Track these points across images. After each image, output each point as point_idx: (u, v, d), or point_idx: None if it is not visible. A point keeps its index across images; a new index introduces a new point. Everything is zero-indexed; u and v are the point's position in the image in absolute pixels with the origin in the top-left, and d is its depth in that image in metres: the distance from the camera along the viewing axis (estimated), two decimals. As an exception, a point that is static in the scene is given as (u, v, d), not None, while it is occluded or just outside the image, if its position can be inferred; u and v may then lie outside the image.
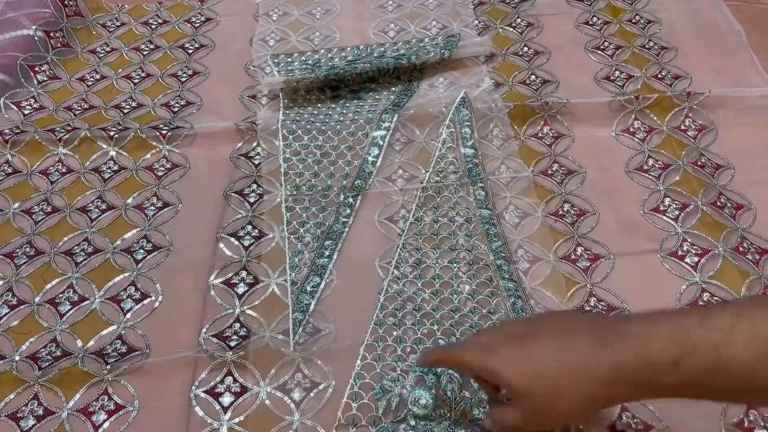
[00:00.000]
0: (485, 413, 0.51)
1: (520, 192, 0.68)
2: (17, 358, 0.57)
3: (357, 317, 0.59)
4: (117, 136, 0.74)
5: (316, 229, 0.66)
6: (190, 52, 0.87)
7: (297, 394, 0.54)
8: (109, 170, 0.72)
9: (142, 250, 0.65)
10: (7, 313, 0.60)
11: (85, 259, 0.64)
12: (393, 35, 0.88)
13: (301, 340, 0.57)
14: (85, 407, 0.54)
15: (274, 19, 0.91)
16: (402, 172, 0.70)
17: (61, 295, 0.62)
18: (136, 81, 0.83)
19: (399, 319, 0.58)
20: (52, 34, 0.86)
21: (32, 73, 0.82)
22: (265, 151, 0.73)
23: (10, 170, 0.73)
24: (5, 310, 0.61)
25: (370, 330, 0.58)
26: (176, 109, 0.79)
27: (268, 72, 0.83)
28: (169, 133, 0.74)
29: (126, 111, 0.79)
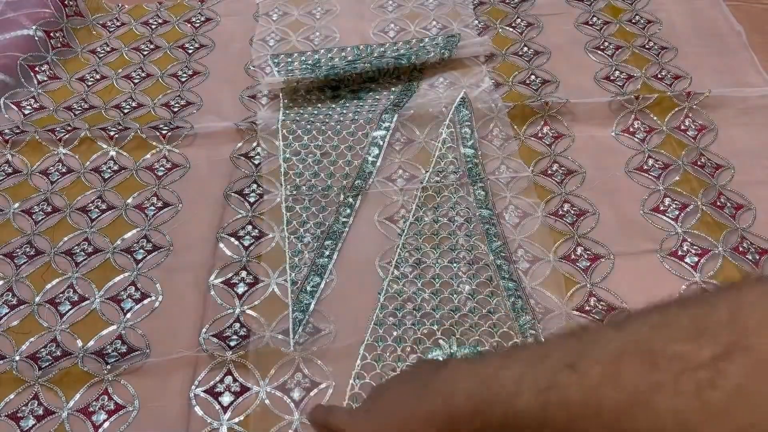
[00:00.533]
0: None
1: (520, 192, 0.68)
2: (17, 358, 0.57)
3: (357, 317, 0.59)
4: (117, 136, 0.74)
5: (316, 229, 0.66)
6: (190, 52, 0.87)
7: (297, 394, 0.54)
8: (109, 170, 0.72)
9: (142, 250, 0.65)
10: (7, 313, 0.60)
11: (85, 259, 0.64)
12: (393, 35, 0.88)
13: (301, 340, 0.57)
14: (85, 407, 0.54)
15: (274, 19, 0.91)
16: (402, 172, 0.70)
17: (61, 295, 0.62)
18: (136, 81, 0.83)
19: (399, 319, 0.58)
20: (52, 34, 0.86)
21: (32, 73, 0.82)
22: (265, 151, 0.73)
23: (10, 170, 0.73)
24: (5, 310, 0.61)
25: (370, 330, 0.58)
26: (176, 109, 0.79)
27: (268, 72, 0.83)
28: (169, 133, 0.74)
29: (126, 111, 0.79)
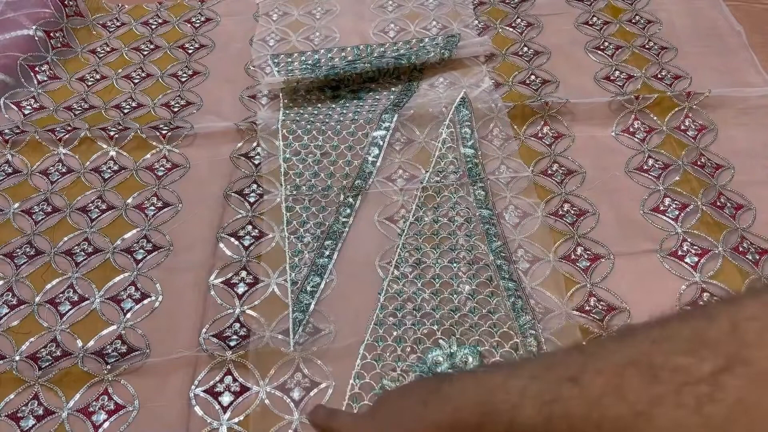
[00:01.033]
0: None
1: (520, 192, 0.68)
2: (17, 358, 0.57)
3: (357, 317, 0.59)
4: (117, 136, 0.74)
5: (316, 228, 0.66)
6: (190, 52, 0.87)
7: (296, 394, 0.54)
8: (109, 170, 0.72)
9: (142, 250, 0.65)
10: (8, 313, 0.60)
11: (85, 259, 0.64)
12: (393, 35, 0.88)
13: (301, 340, 0.57)
14: (85, 407, 0.54)
15: (274, 19, 0.91)
16: (402, 172, 0.70)
17: (61, 295, 0.62)
18: (136, 81, 0.83)
19: (399, 319, 0.58)
20: (52, 34, 0.86)
21: (32, 73, 0.82)
22: (265, 151, 0.73)
23: (10, 170, 0.73)
24: (5, 310, 0.61)
25: (370, 330, 0.58)
26: (176, 109, 0.79)
27: (268, 72, 0.83)
28: (169, 133, 0.74)
29: (126, 111, 0.79)
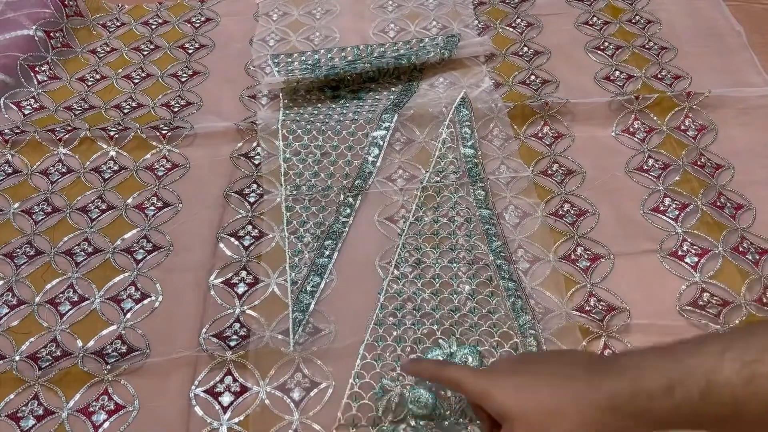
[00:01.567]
0: None
1: (520, 192, 0.68)
2: (17, 358, 0.57)
3: (357, 317, 0.59)
4: (117, 136, 0.74)
5: (316, 228, 0.66)
6: (190, 52, 0.87)
7: (297, 394, 0.54)
8: (109, 170, 0.72)
9: (142, 250, 0.65)
10: (7, 313, 0.60)
11: (85, 259, 0.64)
12: (393, 35, 0.88)
13: (301, 340, 0.57)
14: (85, 407, 0.54)
15: (274, 19, 0.91)
16: (402, 172, 0.70)
17: (61, 295, 0.62)
18: (136, 81, 0.83)
19: (399, 319, 0.58)
20: (52, 34, 0.86)
21: (32, 73, 0.82)
22: (265, 151, 0.73)
23: (10, 170, 0.73)
24: (5, 310, 0.61)
25: (370, 330, 0.58)
26: (176, 109, 0.79)
27: (268, 72, 0.83)
28: (169, 133, 0.74)
29: (126, 111, 0.79)
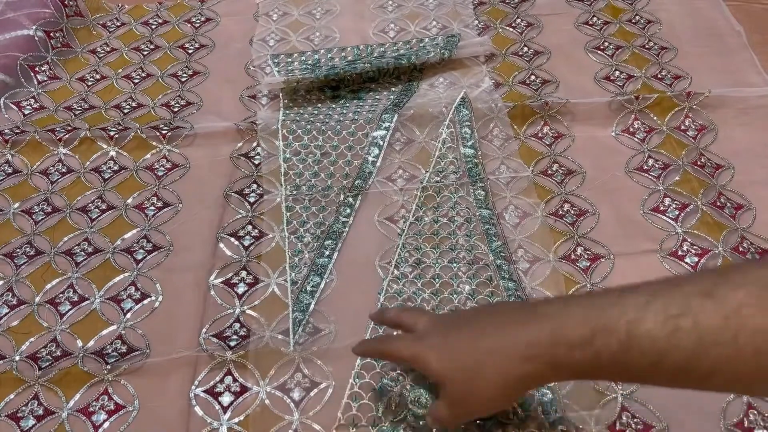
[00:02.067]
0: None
1: (520, 192, 0.68)
2: (17, 358, 0.57)
3: (357, 317, 0.58)
4: (117, 136, 0.74)
5: (316, 228, 0.66)
6: (190, 52, 0.87)
7: (297, 394, 0.54)
8: (109, 170, 0.72)
9: (142, 250, 0.65)
10: (7, 313, 0.60)
11: (85, 259, 0.64)
12: (393, 35, 0.88)
13: (300, 340, 0.57)
14: (85, 407, 0.54)
15: (274, 19, 0.91)
16: (402, 172, 0.70)
17: (61, 295, 0.62)
18: (136, 81, 0.83)
19: (399, 319, 0.58)
20: (52, 34, 0.86)
21: (32, 73, 0.82)
22: (265, 151, 0.73)
23: (10, 170, 0.73)
24: (5, 310, 0.61)
25: (370, 330, 0.58)
26: (176, 109, 0.79)
27: (268, 72, 0.83)
28: (169, 133, 0.74)
29: (126, 111, 0.79)
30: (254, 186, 0.70)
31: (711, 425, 0.50)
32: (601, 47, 0.83)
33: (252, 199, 0.69)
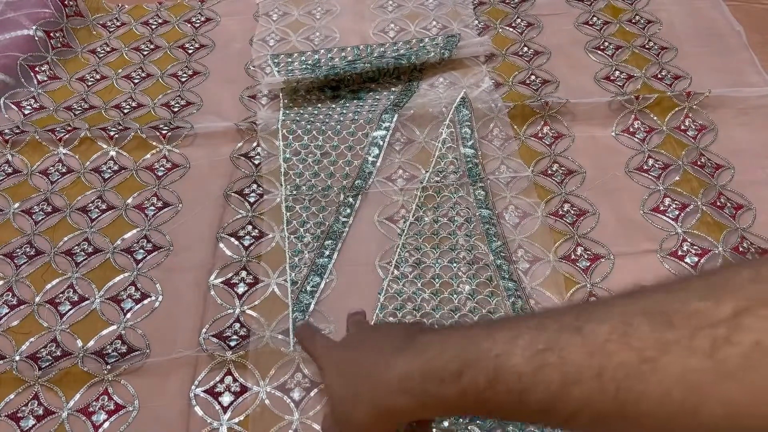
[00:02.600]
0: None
1: (520, 192, 0.68)
2: (17, 358, 0.57)
3: (357, 317, 0.59)
4: (117, 136, 0.74)
5: (316, 228, 0.66)
6: (190, 52, 0.87)
7: (297, 394, 0.54)
8: (109, 170, 0.72)
9: (142, 250, 0.65)
10: (7, 313, 0.60)
11: (85, 259, 0.64)
12: (393, 35, 0.88)
13: (301, 340, 0.57)
14: (85, 407, 0.54)
15: (274, 19, 0.91)
16: (402, 172, 0.70)
17: (61, 295, 0.62)
18: (136, 81, 0.83)
19: (399, 319, 0.58)
20: (52, 34, 0.86)
21: (32, 73, 0.82)
22: (265, 151, 0.73)
23: (10, 170, 0.73)
24: (5, 310, 0.61)
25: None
26: (176, 109, 0.79)
27: (268, 72, 0.83)
28: (169, 133, 0.74)
29: (126, 111, 0.79)
30: (254, 186, 0.70)
31: None
32: (601, 47, 0.83)
33: (252, 199, 0.69)
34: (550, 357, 0.29)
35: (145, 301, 0.61)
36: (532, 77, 0.80)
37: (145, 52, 0.87)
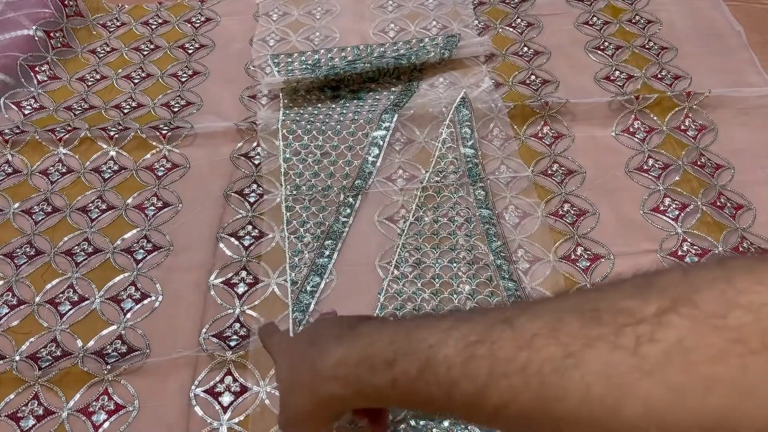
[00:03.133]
0: None
1: (520, 192, 0.68)
2: (17, 358, 0.57)
3: (357, 317, 0.59)
4: (117, 136, 0.74)
5: (316, 228, 0.66)
6: (190, 52, 0.87)
7: (297, 394, 0.54)
8: (109, 170, 0.72)
9: (142, 250, 0.65)
10: (8, 313, 0.60)
11: (85, 259, 0.64)
12: (393, 35, 0.88)
13: (301, 340, 0.57)
14: (85, 407, 0.54)
15: (274, 19, 0.91)
16: (402, 172, 0.70)
17: (61, 295, 0.62)
18: (136, 81, 0.83)
19: (399, 319, 0.58)
20: (52, 34, 0.86)
21: (32, 73, 0.82)
22: (265, 151, 0.73)
23: (10, 170, 0.73)
24: (5, 310, 0.61)
25: (370, 330, 0.58)
26: (176, 109, 0.79)
27: (268, 72, 0.83)
28: (169, 133, 0.74)
29: (126, 111, 0.79)
30: (254, 186, 0.70)
31: None
32: (601, 47, 0.83)
33: (252, 199, 0.69)
34: (480, 349, 0.29)
35: (145, 301, 0.61)
36: (532, 77, 0.80)
37: (145, 52, 0.87)
